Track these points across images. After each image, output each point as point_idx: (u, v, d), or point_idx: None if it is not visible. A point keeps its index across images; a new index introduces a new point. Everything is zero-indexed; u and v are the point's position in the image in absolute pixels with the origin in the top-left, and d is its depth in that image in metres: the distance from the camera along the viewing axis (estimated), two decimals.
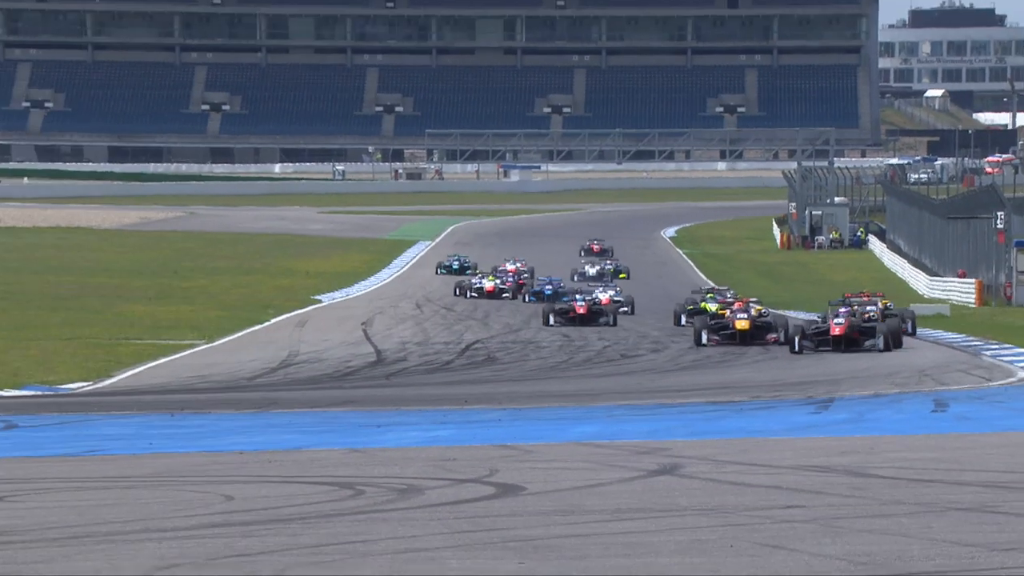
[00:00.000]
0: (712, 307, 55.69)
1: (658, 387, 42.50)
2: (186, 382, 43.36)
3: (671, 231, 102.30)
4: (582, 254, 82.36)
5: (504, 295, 67.59)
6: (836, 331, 49.72)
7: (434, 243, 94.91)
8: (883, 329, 49.72)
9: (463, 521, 21.41)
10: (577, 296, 60.26)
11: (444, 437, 31.82)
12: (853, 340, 49.65)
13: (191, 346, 50.04)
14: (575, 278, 75.34)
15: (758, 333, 51.85)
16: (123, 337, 51.52)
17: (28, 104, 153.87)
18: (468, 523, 21.36)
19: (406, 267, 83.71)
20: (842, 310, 50.69)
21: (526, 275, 71.32)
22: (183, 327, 55.11)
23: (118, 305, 61.73)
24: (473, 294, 67.69)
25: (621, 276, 76.36)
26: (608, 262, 79.79)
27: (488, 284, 67.47)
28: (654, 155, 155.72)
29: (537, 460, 28.03)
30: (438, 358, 48.98)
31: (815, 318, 54.18)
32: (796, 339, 50.04)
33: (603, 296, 61.56)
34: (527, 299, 65.85)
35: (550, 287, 65.98)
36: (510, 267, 71.41)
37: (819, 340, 50.16)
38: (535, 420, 35.84)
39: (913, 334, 52.60)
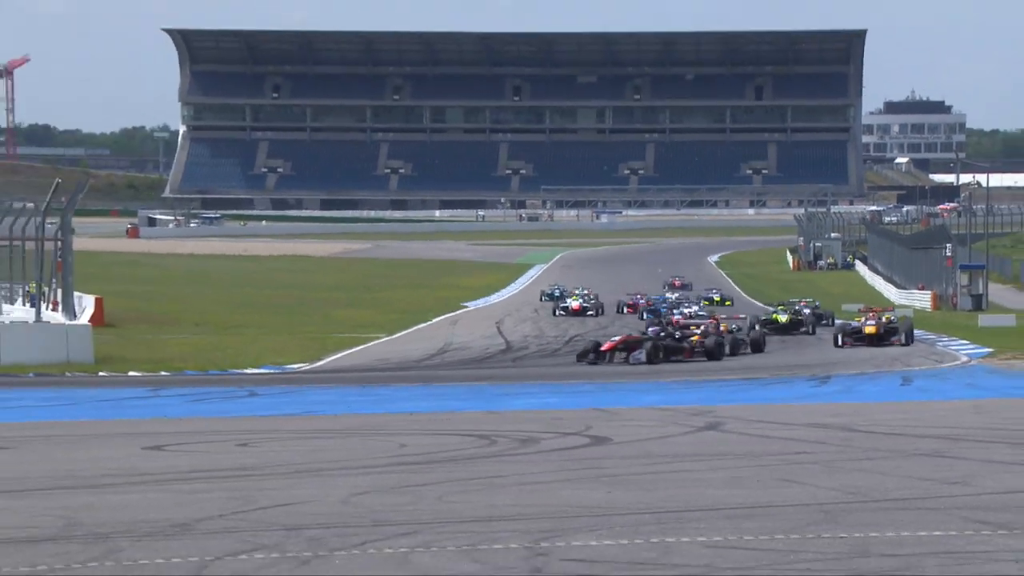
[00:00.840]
0: (783, 318, 51.29)
1: (707, 368, 41.99)
2: (372, 364, 43.22)
3: (715, 257, 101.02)
4: (665, 288, 69.93)
5: (588, 312, 59.95)
6: (869, 330, 46.99)
7: (547, 266, 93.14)
8: (904, 327, 47.09)
9: (568, 462, 21.17)
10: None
11: (553, 403, 31.41)
12: (881, 337, 46.61)
13: (376, 338, 49.92)
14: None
15: (885, 336, 47.03)
16: (330, 332, 51.50)
17: (266, 170, 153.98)
18: (571, 463, 21.06)
19: (527, 283, 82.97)
20: (871, 314, 48.29)
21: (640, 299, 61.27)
22: (371, 326, 54.85)
23: (327, 310, 61.56)
24: (561, 312, 60.13)
25: (727, 303, 65.05)
26: (715, 290, 69.27)
27: (574, 304, 60.47)
28: (703, 204, 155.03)
29: (620, 419, 27.52)
30: (549, 347, 48.56)
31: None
32: (837, 336, 47.18)
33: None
34: (643, 316, 55.94)
35: (665, 305, 57.76)
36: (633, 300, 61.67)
37: (856, 337, 46.95)
38: (617, 391, 35.43)
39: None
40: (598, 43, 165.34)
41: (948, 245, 65.05)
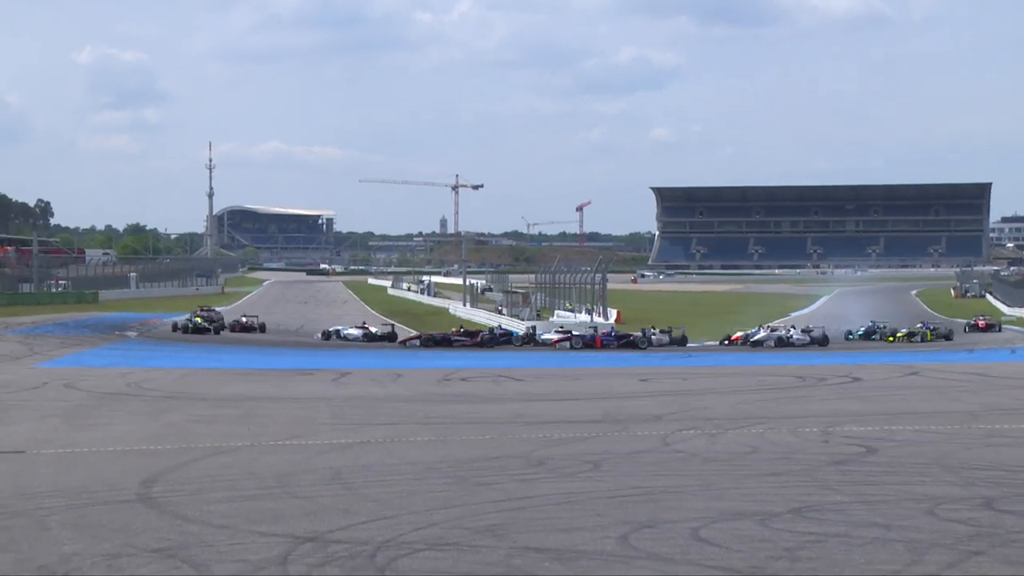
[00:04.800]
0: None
1: (926, 347, 48.23)
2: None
3: (914, 292, 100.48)
4: (966, 329, 56.02)
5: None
6: (981, 324, 56.15)
7: (829, 297, 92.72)
8: (997, 323, 57.35)
9: (840, 390, 27.66)
10: None
11: (829, 360, 37.68)
12: (988, 327, 55.77)
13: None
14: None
15: (988, 328, 55.50)
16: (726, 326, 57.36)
17: (695, 252, 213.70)
18: (843, 391, 27.48)
19: (822, 304, 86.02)
20: (983, 318, 57.64)
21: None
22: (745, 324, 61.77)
23: (722, 316, 66.98)
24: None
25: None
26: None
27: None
28: (908, 267, 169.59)
29: (866, 371, 33.53)
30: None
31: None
32: (965, 326, 55.68)
33: None
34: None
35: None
36: None
37: (973, 328, 55.49)
38: (865, 355, 41.33)
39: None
40: (850, 192, 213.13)
41: None
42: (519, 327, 53.74)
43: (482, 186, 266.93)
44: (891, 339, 49.76)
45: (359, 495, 14.02)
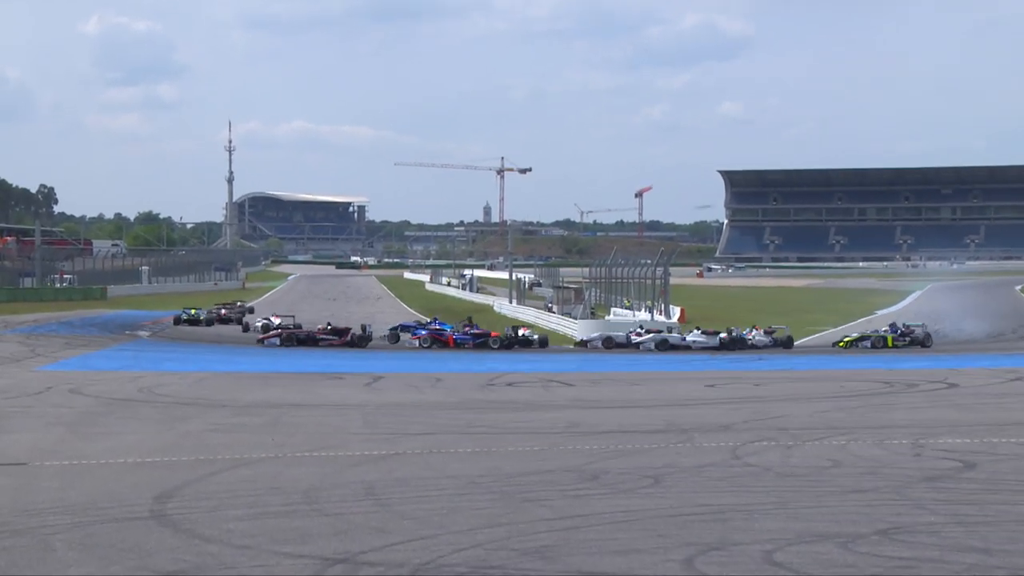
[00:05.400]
0: None
1: None
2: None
3: (1019, 287, 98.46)
4: None
5: None
6: None
7: (921, 292, 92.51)
8: None
9: (933, 396, 27.83)
10: None
11: (924, 365, 37.95)
12: None
13: (822, 330, 56.17)
14: None
15: None
16: (803, 325, 56.28)
17: (768, 242, 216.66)
18: (936, 398, 27.55)
19: (913, 300, 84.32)
20: None
21: None
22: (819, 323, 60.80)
23: (796, 314, 66.45)
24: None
25: None
26: None
27: None
28: (1015, 258, 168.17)
29: (962, 376, 33.78)
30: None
31: None
32: None
33: None
34: None
35: None
36: None
37: None
38: (956, 360, 41.72)
39: None
40: (949, 174, 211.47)
41: None
42: (575, 327, 53.84)
43: (530, 170, 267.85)
44: (842, 344, 47.94)
45: (394, 512, 14.13)
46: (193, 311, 60.32)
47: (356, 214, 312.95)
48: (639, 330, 48.74)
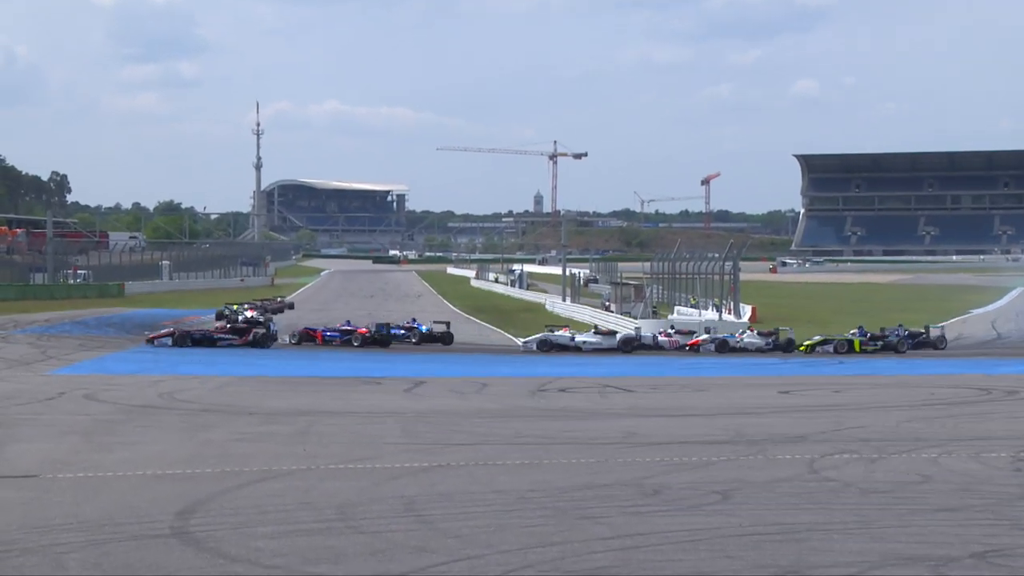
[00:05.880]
0: None
1: None
2: None
3: None
4: None
5: None
6: None
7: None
8: None
9: None
10: None
11: None
12: None
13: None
14: None
15: None
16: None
17: (849, 234, 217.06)
18: None
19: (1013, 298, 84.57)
20: None
21: None
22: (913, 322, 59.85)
23: (885, 313, 65.82)
24: None
25: None
26: None
27: None
28: None
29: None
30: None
31: None
32: None
33: None
34: None
35: None
36: None
37: None
38: None
39: None
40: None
41: None
42: (626, 326, 53.86)
43: (586, 155, 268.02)
44: (803, 348, 48.49)
45: (437, 530, 14.18)
46: (235, 306, 61.03)
47: (395, 204, 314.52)
48: (589, 334, 49.75)
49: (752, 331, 50.63)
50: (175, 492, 16.62)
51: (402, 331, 50.81)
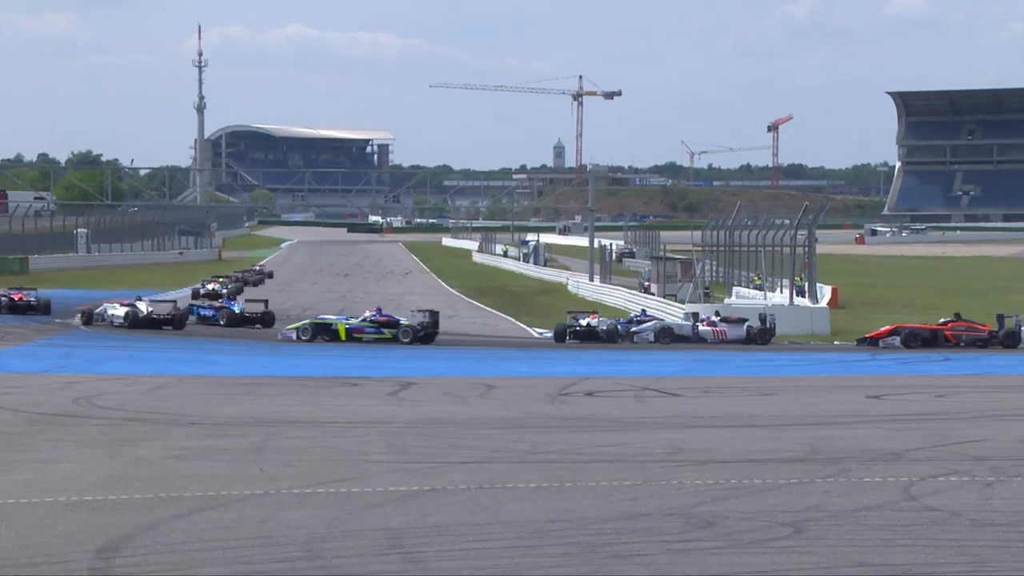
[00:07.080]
0: None
1: None
2: None
3: None
4: None
5: None
6: None
7: None
8: None
9: None
10: None
11: None
12: None
13: None
14: None
15: None
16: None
17: (960, 193, 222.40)
18: None
19: None
20: None
21: None
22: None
23: (1005, 296, 68.39)
24: None
25: None
26: None
27: None
28: None
29: None
30: None
31: None
32: None
33: None
34: None
35: None
36: None
37: None
38: None
39: None
40: None
41: None
42: (674, 313, 53.81)
43: (619, 94, 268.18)
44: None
45: (430, 571, 14.16)
46: (221, 280, 63.61)
47: (376, 156, 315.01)
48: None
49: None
50: (95, 524, 16.57)
51: (209, 311, 51.55)
